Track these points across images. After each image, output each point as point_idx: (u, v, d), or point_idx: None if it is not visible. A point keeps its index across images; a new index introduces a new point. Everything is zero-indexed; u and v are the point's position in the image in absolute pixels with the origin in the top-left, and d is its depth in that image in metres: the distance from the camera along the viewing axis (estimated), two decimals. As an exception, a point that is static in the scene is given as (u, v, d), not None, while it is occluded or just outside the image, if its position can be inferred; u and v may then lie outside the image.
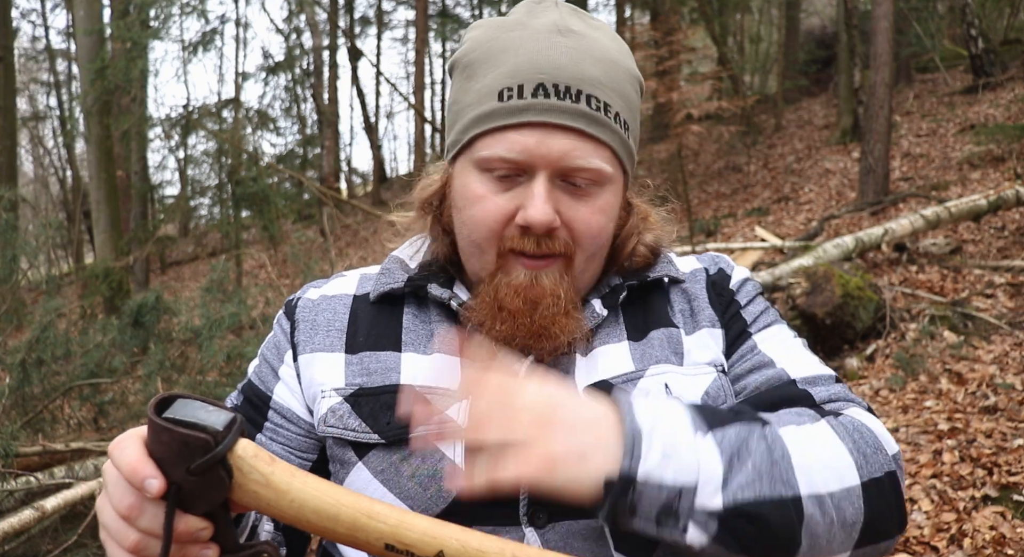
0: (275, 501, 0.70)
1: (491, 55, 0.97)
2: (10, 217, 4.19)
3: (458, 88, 1.01)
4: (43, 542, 3.13)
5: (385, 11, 24.00)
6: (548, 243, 0.94)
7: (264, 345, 1.10)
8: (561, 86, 0.93)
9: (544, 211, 0.92)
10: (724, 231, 10.41)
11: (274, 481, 0.70)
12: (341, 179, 22.98)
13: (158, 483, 0.68)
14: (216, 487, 0.69)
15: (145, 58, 9.71)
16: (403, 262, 1.09)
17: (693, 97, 11.25)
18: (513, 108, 0.93)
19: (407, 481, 0.94)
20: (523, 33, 0.96)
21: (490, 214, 0.95)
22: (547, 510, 0.92)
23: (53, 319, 4.01)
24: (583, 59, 0.94)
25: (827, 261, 5.93)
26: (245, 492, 0.70)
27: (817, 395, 0.97)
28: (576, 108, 0.93)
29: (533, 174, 0.94)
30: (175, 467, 0.68)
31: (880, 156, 9.14)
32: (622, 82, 0.99)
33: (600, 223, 0.97)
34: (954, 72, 15.06)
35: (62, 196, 22.48)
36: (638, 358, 1.00)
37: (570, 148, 0.93)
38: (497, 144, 0.94)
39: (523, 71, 0.93)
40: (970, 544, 3.12)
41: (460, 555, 0.71)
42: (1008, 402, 4.18)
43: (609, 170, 0.96)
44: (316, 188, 11.01)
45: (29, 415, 3.81)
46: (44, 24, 29.53)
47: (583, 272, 1.00)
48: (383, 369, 1.00)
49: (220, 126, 11.96)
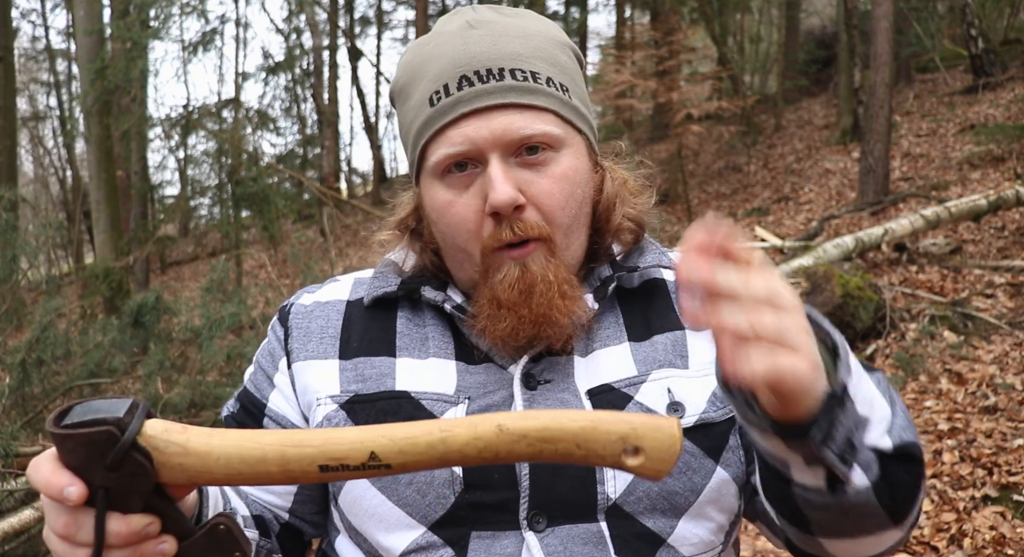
0: (202, 466, 0.69)
1: (416, 72, 0.99)
2: (10, 217, 4.18)
3: (400, 114, 1.04)
4: (43, 542, 3.13)
5: (385, 11, 23.99)
6: (521, 226, 0.94)
7: (259, 351, 1.10)
8: (482, 70, 0.95)
9: (504, 190, 0.92)
10: (724, 231, 10.38)
11: (192, 447, 0.69)
12: (341, 179, 22.97)
13: (76, 489, 0.67)
14: (140, 475, 0.68)
15: (145, 58, 9.71)
16: (396, 265, 1.08)
17: (693, 97, 11.27)
18: (445, 107, 0.95)
19: (405, 488, 0.93)
20: (438, 41, 0.99)
21: (461, 214, 0.96)
22: (547, 515, 0.92)
23: (53, 319, 4.01)
24: (497, 41, 0.96)
25: (827, 261, 5.93)
26: (170, 469, 0.69)
27: None
28: (502, 85, 0.94)
29: (485, 160, 0.94)
30: (94, 470, 0.67)
31: (880, 156, 9.14)
32: (547, 50, 0.99)
33: (565, 190, 0.96)
34: (954, 72, 15.05)
35: (62, 196, 22.48)
36: (640, 361, 0.99)
37: (508, 123, 0.94)
38: (442, 145, 0.96)
39: (445, 72, 0.96)
40: (970, 544, 3.12)
41: (390, 448, 0.70)
42: (1008, 402, 4.19)
43: (557, 132, 0.96)
44: (316, 188, 11.01)
45: (29, 415, 3.81)
46: (44, 24, 29.52)
47: (567, 249, 0.99)
48: (378, 375, 0.99)
49: (220, 126, 11.95)
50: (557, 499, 0.92)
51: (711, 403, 0.97)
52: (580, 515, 0.92)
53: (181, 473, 0.69)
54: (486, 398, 0.96)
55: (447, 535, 0.92)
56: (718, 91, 15.23)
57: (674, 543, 0.93)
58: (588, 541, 0.91)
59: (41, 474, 0.69)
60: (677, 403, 0.96)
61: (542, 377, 0.98)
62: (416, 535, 0.93)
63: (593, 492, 0.92)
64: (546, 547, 0.90)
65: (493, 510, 0.92)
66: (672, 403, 0.96)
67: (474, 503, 0.92)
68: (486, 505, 0.92)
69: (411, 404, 0.96)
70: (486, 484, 0.92)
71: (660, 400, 0.96)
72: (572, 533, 0.91)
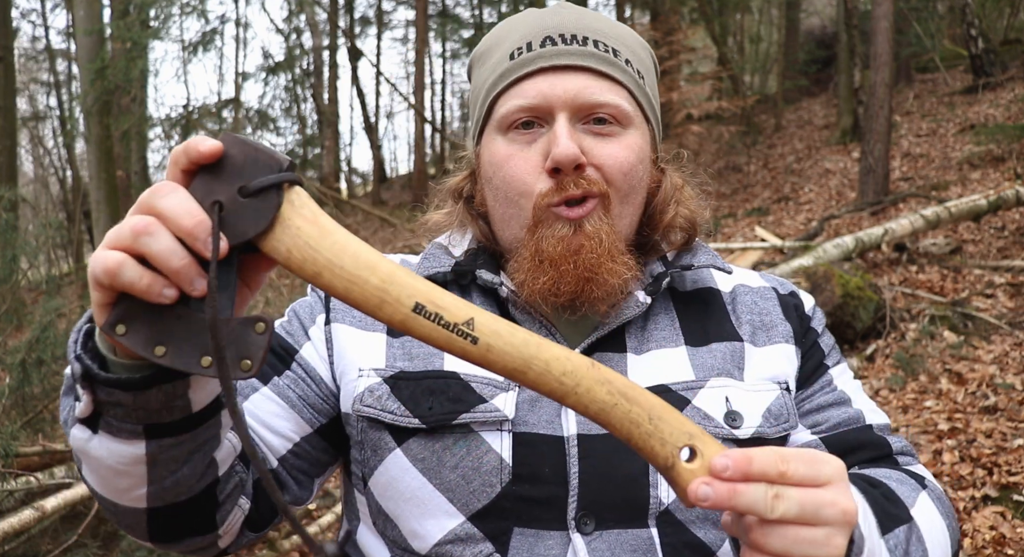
0: (316, 239, 0.66)
1: (500, 38, 1.01)
2: (10, 217, 4.18)
3: (475, 77, 1.05)
4: (43, 542, 3.13)
5: (385, 11, 23.99)
6: (583, 182, 0.93)
7: (297, 304, 1.07)
8: (567, 34, 0.96)
9: (567, 146, 0.91)
10: (724, 231, 10.40)
11: (322, 220, 0.67)
12: (341, 179, 22.97)
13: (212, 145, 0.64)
14: (262, 214, 0.64)
15: (145, 58, 9.72)
16: (446, 248, 1.06)
17: (693, 97, 11.27)
18: (524, 61, 0.96)
19: (449, 472, 0.90)
20: (526, 14, 1.02)
21: (520, 167, 0.95)
22: (595, 517, 0.88)
23: (53, 319, 4.01)
24: (584, 15, 0.99)
25: (827, 261, 5.93)
26: (286, 229, 0.65)
27: (893, 446, 1.00)
28: (584, 50, 0.96)
29: (553, 118, 0.95)
30: (228, 184, 0.64)
31: (880, 156, 9.14)
32: (629, 40, 1.01)
33: (629, 159, 0.95)
34: (954, 72, 15.05)
35: (62, 196, 22.46)
36: (698, 366, 0.97)
37: (583, 86, 0.94)
38: (513, 98, 0.96)
39: (531, 32, 0.97)
40: (970, 544, 3.12)
41: (489, 324, 0.68)
42: (1008, 402, 4.18)
43: (628, 107, 0.96)
44: (316, 188, 11.01)
45: (29, 415, 3.80)
46: (44, 24, 29.50)
47: (620, 217, 0.97)
48: (426, 354, 0.97)
49: (220, 126, 11.95)
50: (607, 500, 0.89)
51: (766, 419, 0.95)
52: (631, 519, 0.89)
53: (291, 238, 0.66)
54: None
55: (488, 528, 0.89)
56: (718, 91, 15.23)
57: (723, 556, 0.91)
58: (637, 548, 0.88)
59: (192, 139, 0.66)
60: (735, 413, 0.94)
61: None
62: (455, 525, 0.89)
63: (646, 495, 0.89)
64: (593, 552, 0.87)
65: (540, 506, 0.88)
66: (730, 412, 0.94)
67: (520, 496, 0.89)
68: (533, 499, 0.89)
69: (459, 384, 0.93)
70: (535, 477, 0.89)
71: (718, 408, 0.94)
72: (621, 538, 0.88)
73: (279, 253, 0.66)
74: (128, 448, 0.74)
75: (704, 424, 0.92)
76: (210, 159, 0.64)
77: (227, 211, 0.64)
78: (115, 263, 0.63)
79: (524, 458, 0.89)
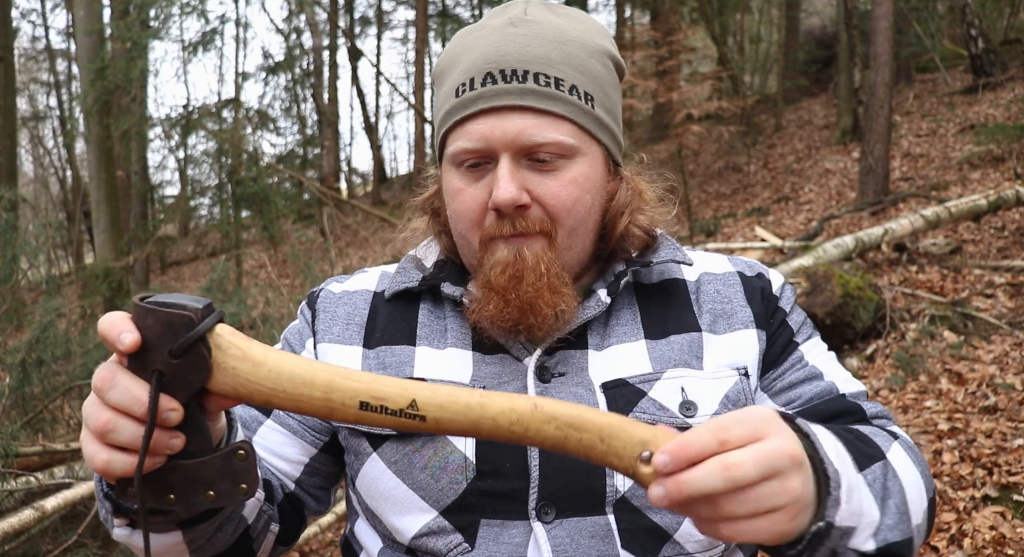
0: (253, 374, 0.72)
1: (454, 59, 1.03)
2: (10, 217, 4.18)
3: (436, 96, 1.07)
4: (43, 542, 3.13)
5: (385, 11, 23.99)
6: (522, 223, 0.97)
7: (288, 330, 1.14)
8: (507, 70, 0.96)
9: (507, 190, 0.94)
10: (724, 231, 10.40)
11: (251, 353, 0.72)
12: (341, 179, 22.97)
13: (131, 337, 0.69)
14: (195, 369, 0.70)
15: (145, 58, 9.71)
16: (419, 261, 1.12)
17: (693, 97, 11.26)
18: (466, 101, 0.98)
19: (419, 472, 0.96)
20: (480, 32, 1.02)
21: (468, 204, 0.99)
22: (555, 507, 0.93)
23: (53, 319, 4.01)
24: (530, 43, 0.98)
25: (827, 261, 5.93)
26: (223, 372, 0.72)
27: (867, 410, 1.02)
28: (524, 88, 0.96)
29: (497, 158, 0.97)
30: (157, 351, 0.70)
31: (880, 156, 9.14)
32: (580, 58, 1.00)
33: (573, 194, 0.98)
34: (954, 72, 15.05)
35: (62, 196, 22.47)
36: (656, 359, 1.01)
37: (523, 127, 0.96)
38: (460, 137, 0.99)
39: (475, 65, 0.98)
40: (970, 544, 3.12)
41: (431, 400, 0.72)
42: (1008, 402, 4.18)
43: (571, 142, 0.97)
44: (316, 188, 11.00)
45: (29, 415, 3.81)
46: (44, 24, 29.53)
47: (568, 248, 1.01)
48: (397, 362, 1.02)
49: (220, 126, 11.95)
50: (566, 491, 0.93)
51: (723, 405, 0.98)
52: (588, 507, 0.93)
53: (231, 378, 0.72)
54: (500, 388, 0.98)
55: (457, 521, 0.95)
56: (718, 91, 15.22)
57: (680, 539, 0.94)
58: (595, 534, 0.93)
59: (109, 319, 0.71)
60: (690, 402, 0.97)
61: (556, 370, 0.99)
62: (428, 519, 0.95)
63: (603, 485, 0.94)
64: (553, 539, 0.92)
65: (503, 499, 0.94)
66: (685, 402, 0.97)
67: (485, 490, 0.94)
68: (496, 493, 0.94)
69: None
70: (497, 472, 0.94)
71: (673, 398, 0.98)
72: (580, 526, 0.93)
73: (227, 392, 0.73)
74: (167, 538, 0.88)
75: (659, 414, 0.96)
76: (133, 350, 0.69)
77: (168, 376, 0.70)
78: (103, 462, 0.72)
79: (487, 455, 0.95)
